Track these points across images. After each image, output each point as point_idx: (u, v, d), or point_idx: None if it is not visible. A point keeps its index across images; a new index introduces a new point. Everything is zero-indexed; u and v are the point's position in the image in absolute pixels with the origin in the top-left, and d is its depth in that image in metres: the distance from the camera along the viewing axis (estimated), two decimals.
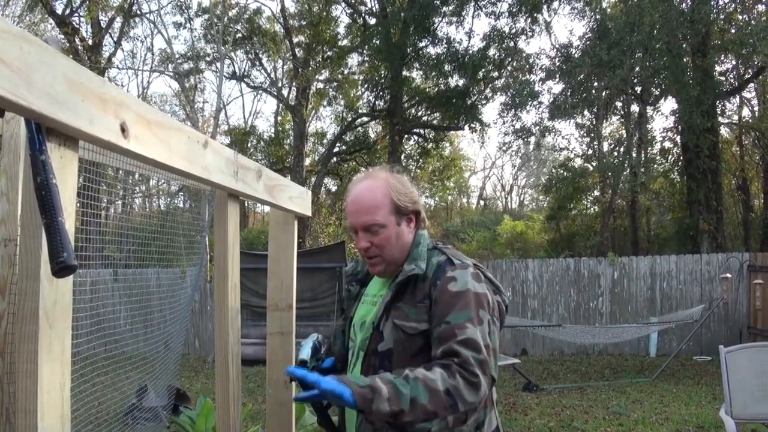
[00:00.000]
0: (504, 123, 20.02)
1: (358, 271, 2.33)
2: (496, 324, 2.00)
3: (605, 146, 24.82)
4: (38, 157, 1.07)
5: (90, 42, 22.84)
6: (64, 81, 1.10)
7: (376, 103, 23.49)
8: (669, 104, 21.95)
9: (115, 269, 10.71)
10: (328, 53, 24.12)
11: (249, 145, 26.31)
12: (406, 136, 23.72)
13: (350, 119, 25.04)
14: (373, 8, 22.82)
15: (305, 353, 2.11)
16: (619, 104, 22.81)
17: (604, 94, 18.42)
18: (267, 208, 3.32)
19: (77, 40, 21.99)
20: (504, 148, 23.45)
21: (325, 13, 23.44)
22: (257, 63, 25.55)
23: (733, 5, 17.33)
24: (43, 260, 1.11)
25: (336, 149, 24.81)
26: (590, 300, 13.25)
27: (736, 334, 12.22)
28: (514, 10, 19.41)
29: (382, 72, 21.61)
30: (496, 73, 21.03)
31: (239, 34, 23.61)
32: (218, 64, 21.49)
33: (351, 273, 2.35)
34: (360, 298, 2.25)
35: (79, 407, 4.94)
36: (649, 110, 20.67)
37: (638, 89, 19.71)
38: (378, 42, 20.47)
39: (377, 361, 2.01)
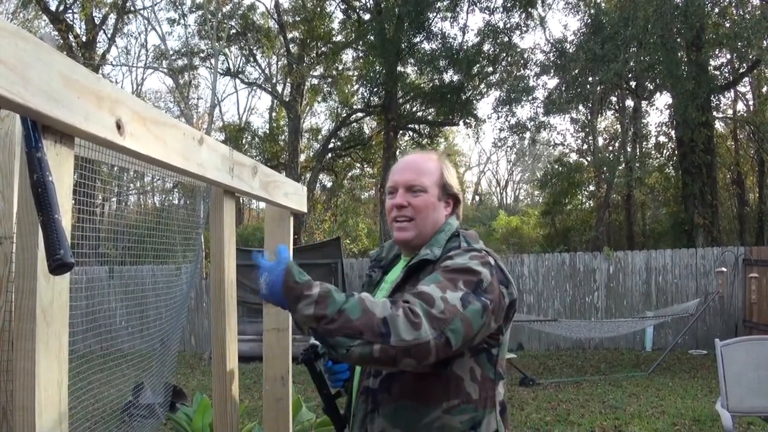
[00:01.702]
0: (499, 118, 20.07)
1: (382, 257, 2.24)
2: (482, 302, 1.74)
3: (600, 141, 24.87)
4: (34, 154, 1.07)
5: (84, 39, 22.78)
6: (59, 78, 1.10)
7: (371, 98, 23.49)
8: (664, 99, 22.02)
9: (111, 266, 10.70)
10: (323, 49, 24.09)
11: (244, 141, 26.28)
12: (401, 131, 23.72)
13: (345, 115, 25.02)
14: (368, 4, 22.80)
15: None
16: (613, 99, 22.87)
17: (598, 88, 18.45)
18: (262, 205, 3.31)
19: (71, 36, 21.94)
20: (499, 144, 23.47)
21: (319, 9, 23.41)
22: (251, 59, 25.49)
23: None
24: (39, 258, 1.11)
25: (331, 145, 24.81)
26: (586, 294, 13.28)
27: (731, 327, 12.26)
28: (509, 5, 19.44)
29: (377, 68, 21.59)
30: (490, 69, 21.05)
31: (233, 30, 23.56)
32: (212, 61, 21.48)
33: (375, 258, 2.26)
34: (380, 284, 2.16)
35: (76, 405, 4.94)
36: (644, 105, 20.74)
37: (633, 84, 19.77)
38: (372, 38, 20.47)
39: None
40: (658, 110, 37.41)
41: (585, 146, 24.56)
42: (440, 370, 1.83)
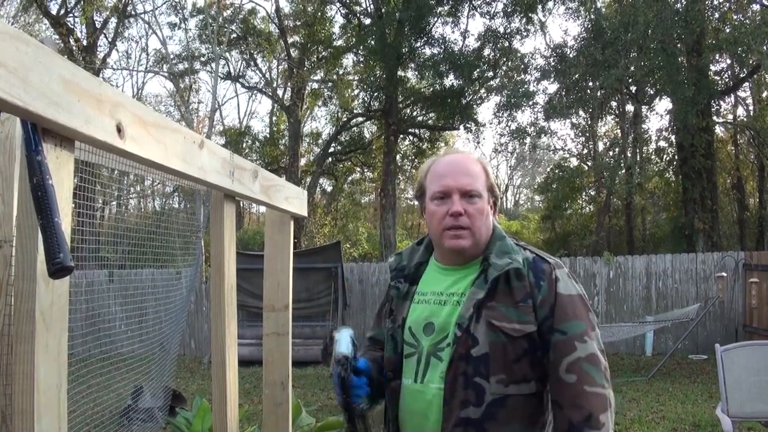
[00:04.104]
0: (499, 123, 20.05)
1: (404, 266, 2.09)
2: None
3: (600, 146, 24.89)
4: (34, 157, 1.06)
5: (85, 43, 22.82)
6: (60, 81, 1.10)
7: (372, 103, 23.49)
8: (664, 104, 21.99)
9: (111, 270, 10.70)
10: (323, 53, 24.12)
11: (244, 145, 26.31)
12: (401, 136, 23.73)
13: (345, 119, 25.04)
14: (368, 8, 22.82)
15: (346, 348, 1.92)
16: (614, 104, 22.87)
17: (599, 93, 18.46)
18: (262, 209, 3.31)
19: (72, 40, 21.98)
20: (499, 149, 23.46)
21: (319, 14, 23.42)
22: (252, 63, 25.52)
23: (727, 4, 17.38)
24: (39, 261, 1.11)
25: (331, 149, 24.81)
26: None
27: (731, 332, 12.24)
28: (509, 10, 19.45)
29: (377, 72, 21.61)
30: (491, 73, 21.05)
31: (234, 35, 23.59)
32: (213, 65, 21.46)
33: (396, 268, 2.10)
34: (412, 297, 2.03)
35: (76, 408, 4.94)
36: (644, 110, 20.74)
37: (633, 89, 19.77)
38: (373, 42, 20.47)
39: (470, 368, 1.82)
40: (659, 115, 37.33)
41: (585, 151, 24.56)
42: (542, 388, 1.86)
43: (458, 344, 1.84)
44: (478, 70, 20.28)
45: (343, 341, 1.95)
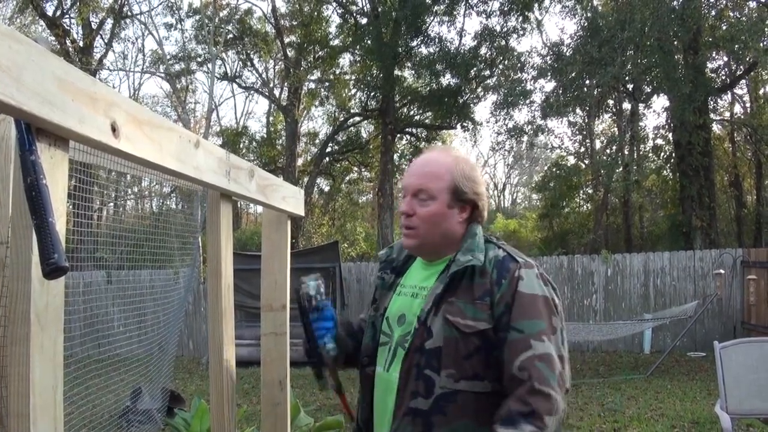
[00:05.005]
0: (496, 122, 20.05)
1: (392, 258, 2.15)
2: (565, 328, 1.90)
3: (598, 144, 24.90)
4: (28, 157, 1.05)
5: (81, 44, 22.78)
6: (54, 80, 1.09)
7: (368, 102, 23.48)
8: (661, 101, 22.03)
9: (108, 271, 10.68)
10: (320, 53, 24.08)
11: (241, 145, 26.26)
12: (398, 135, 23.69)
13: (342, 119, 25.01)
14: (364, 8, 22.79)
15: (314, 290, 2.02)
16: (611, 102, 22.87)
17: (595, 91, 18.44)
18: (260, 209, 3.30)
19: (68, 42, 21.94)
20: (496, 148, 23.45)
21: (316, 13, 23.40)
22: (249, 63, 25.51)
23: (724, 1, 17.38)
24: (34, 262, 1.10)
25: (328, 149, 24.77)
26: (584, 297, 13.27)
27: (730, 329, 12.25)
28: (506, 8, 19.44)
29: (374, 71, 21.59)
30: (487, 72, 21.03)
31: (230, 35, 23.56)
32: (209, 65, 21.45)
33: (385, 260, 2.16)
34: (395, 288, 2.07)
35: (73, 410, 4.93)
36: (641, 107, 20.73)
37: (630, 86, 19.76)
38: (369, 42, 20.45)
39: (423, 360, 1.85)
40: (656, 113, 37.36)
41: (582, 149, 24.58)
42: (498, 387, 1.83)
43: (415, 336, 1.89)
44: (474, 68, 20.25)
45: (311, 285, 2.05)
